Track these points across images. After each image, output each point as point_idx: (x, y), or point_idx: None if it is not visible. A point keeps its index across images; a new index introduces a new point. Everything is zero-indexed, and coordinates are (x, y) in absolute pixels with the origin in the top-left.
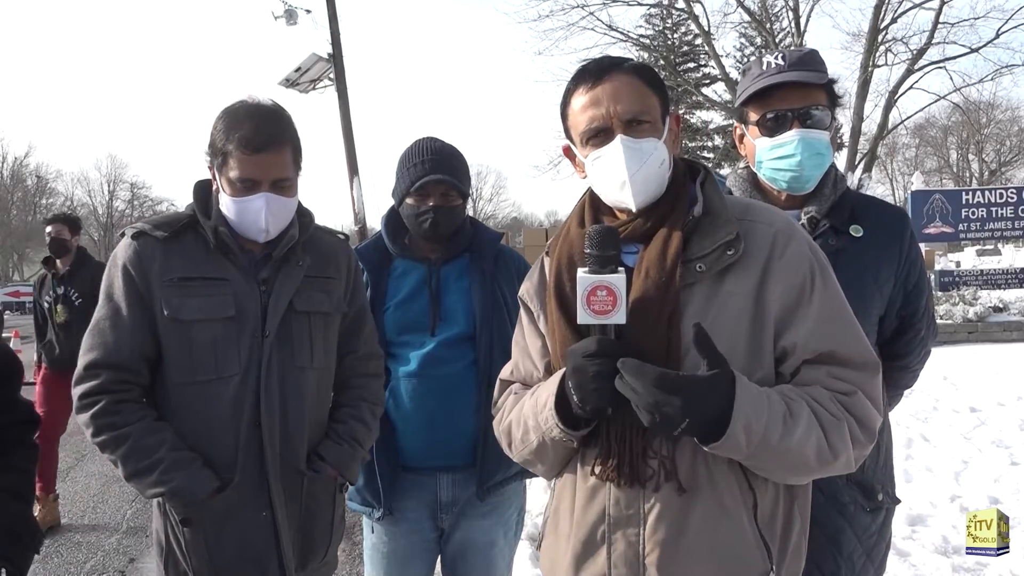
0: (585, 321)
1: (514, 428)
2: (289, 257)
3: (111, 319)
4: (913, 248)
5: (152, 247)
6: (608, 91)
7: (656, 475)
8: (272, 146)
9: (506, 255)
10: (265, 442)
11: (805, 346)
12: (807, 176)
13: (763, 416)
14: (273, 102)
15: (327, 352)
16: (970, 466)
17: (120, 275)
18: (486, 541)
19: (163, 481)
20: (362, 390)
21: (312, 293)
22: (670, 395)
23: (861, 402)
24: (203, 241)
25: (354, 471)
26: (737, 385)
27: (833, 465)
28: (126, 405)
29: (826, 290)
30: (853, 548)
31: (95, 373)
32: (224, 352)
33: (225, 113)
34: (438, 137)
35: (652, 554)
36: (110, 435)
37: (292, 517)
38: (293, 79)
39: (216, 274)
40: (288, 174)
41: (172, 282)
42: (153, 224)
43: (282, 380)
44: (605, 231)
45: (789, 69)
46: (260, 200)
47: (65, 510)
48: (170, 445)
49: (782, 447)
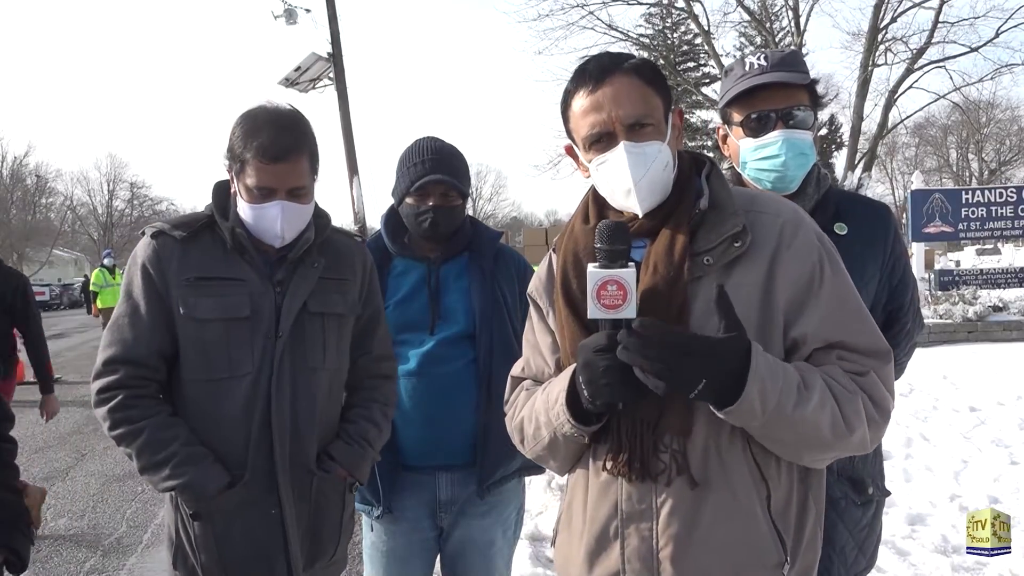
0: (595, 316)
1: (526, 424)
2: (304, 259)
3: (130, 316)
4: (898, 243)
5: (171, 246)
6: (609, 95)
7: (668, 469)
8: (289, 156)
9: (506, 254)
10: (275, 441)
11: (815, 336)
12: (791, 176)
13: (779, 382)
14: (292, 108)
15: (340, 353)
16: (970, 465)
17: (139, 273)
18: (485, 540)
19: (175, 475)
20: (374, 391)
21: (327, 295)
22: (686, 356)
23: (873, 381)
24: (221, 241)
25: (364, 471)
26: (753, 350)
27: (849, 440)
28: (143, 400)
29: (835, 279)
30: (845, 542)
31: (113, 368)
32: (238, 351)
33: (244, 118)
34: (438, 136)
35: (666, 548)
36: (126, 429)
37: (301, 516)
38: (293, 79)
39: (232, 274)
40: (304, 182)
41: (189, 281)
42: (172, 224)
43: (294, 380)
44: (615, 226)
45: (772, 70)
46: (276, 208)
47: (65, 509)
48: (183, 440)
49: (797, 415)
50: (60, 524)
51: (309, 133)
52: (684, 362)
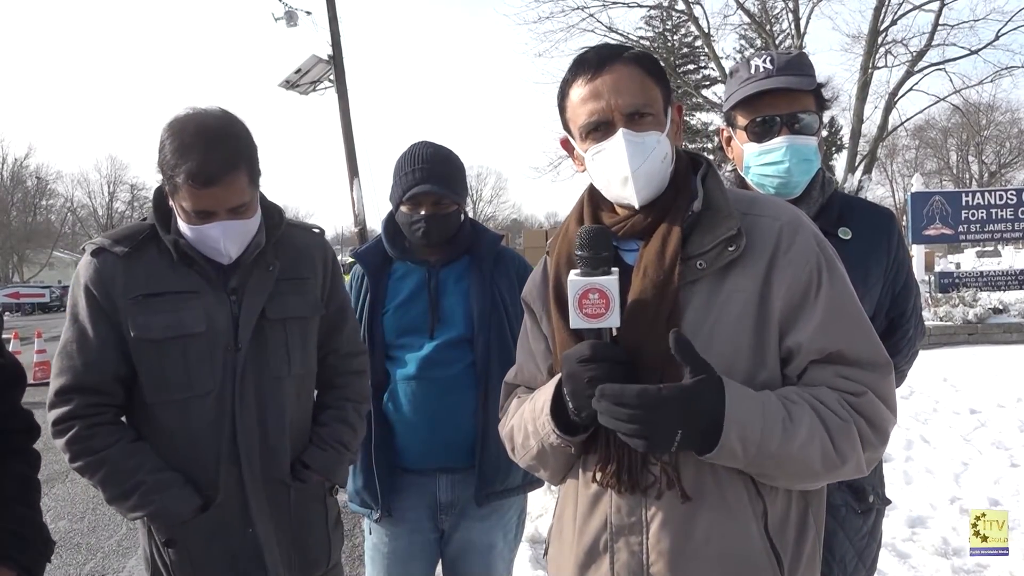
0: (578, 325)
1: (516, 433)
2: (259, 262)
3: (78, 341)
4: (901, 249)
5: (113, 264)
6: (608, 83)
7: (658, 482)
8: (223, 178)
9: (506, 257)
10: (242, 457)
11: (811, 346)
12: (795, 182)
13: (758, 422)
14: (221, 114)
15: (306, 356)
16: (970, 468)
17: (83, 295)
18: (486, 543)
19: (144, 504)
20: (345, 389)
21: (285, 298)
22: (656, 409)
23: (871, 402)
24: (167, 253)
25: (342, 474)
26: (727, 391)
27: (842, 470)
28: (101, 428)
29: (833, 287)
30: (845, 551)
31: (67, 398)
32: (197, 368)
33: (171, 133)
34: (432, 141)
35: (656, 564)
36: (86, 460)
37: (283, 530)
38: (293, 81)
39: (183, 287)
40: (244, 199)
41: (137, 300)
42: (112, 239)
43: (259, 393)
44: (596, 231)
45: (777, 73)
46: (217, 229)
47: (65, 512)
48: (149, 467)
49: (783, 453)
50: (60, 526)
51: (243, 144)
52: (655, 416)
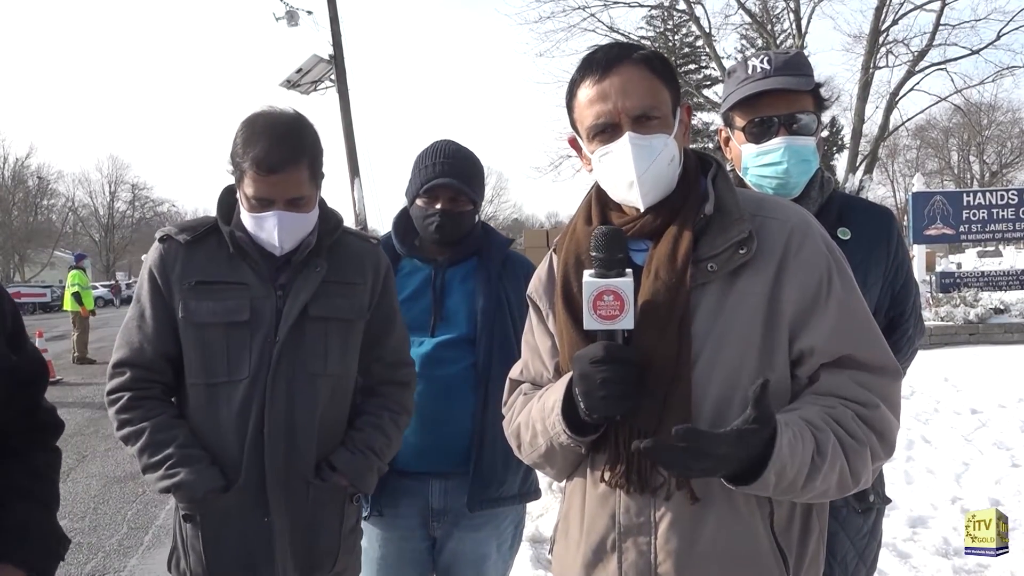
0: (592, 327)
1: (523, 431)
2: (308, 262)
3: (137, 320)
4: (900, 249)
5: (175, 250)
6: (616, 85)
7: (667, 483)
8: (286, 167)
9: (514, 260)
10: (267, 447)
11: (823, 350)
12: (794, 183)
13: (796, 460)
14: (293, 113)
15: (346, 359)
16: (971, 468)
17: (147, 278)
18: (478, 554)
19: (168, 475)
20: (386, 399)
21: (331, 299)
22: (707, 456)
23: (883, 416)
24: (225, 246)
25: (368, 481)
26: (779, 435)
27: (853, 489)
28: (146, 402)
29: (843, 290)
30: (846, 551)
31: (121, 371)
32: (236, 355)
33: (244, 126)
34: (456, 141)
35: (664, 564)
36: (129, 430)
37: (297, 526)
38: (294, 80)
39: (234, 278)
40: (303, 192)
41: (190, 285)
42: (179, 228)
43: (292, 386)
44: (611, 233)
45: (775, 74)
46: (273, 219)
47: (66, 511)
48: (181, 442)
49: (808, 485)
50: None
51: (309, 140)
52: (705, 461)
